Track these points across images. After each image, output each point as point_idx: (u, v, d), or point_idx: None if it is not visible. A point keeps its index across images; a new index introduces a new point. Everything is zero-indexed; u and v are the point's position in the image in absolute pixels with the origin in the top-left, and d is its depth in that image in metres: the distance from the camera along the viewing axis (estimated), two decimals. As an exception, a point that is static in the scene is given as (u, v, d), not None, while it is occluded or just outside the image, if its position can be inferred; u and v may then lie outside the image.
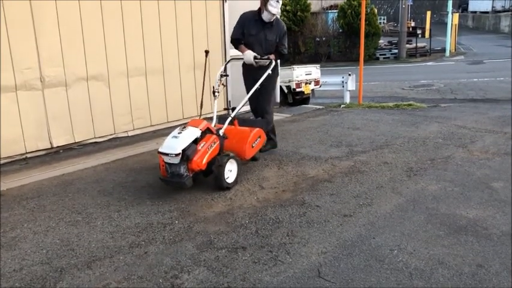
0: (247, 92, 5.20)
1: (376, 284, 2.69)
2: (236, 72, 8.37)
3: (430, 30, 29.37)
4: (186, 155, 3.96)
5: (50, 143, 6.00)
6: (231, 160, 4.36)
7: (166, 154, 3.94)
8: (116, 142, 6.57)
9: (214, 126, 4.59)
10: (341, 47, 25.38)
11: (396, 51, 24.88)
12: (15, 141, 5.64)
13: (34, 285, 2.82)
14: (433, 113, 8.03)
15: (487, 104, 9.32)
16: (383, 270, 2.84)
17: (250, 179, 4.65)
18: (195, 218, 3.74)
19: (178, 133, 4.05)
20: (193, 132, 4.10)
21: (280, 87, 9.66)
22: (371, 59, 24.09)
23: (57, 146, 6.08)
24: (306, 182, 4.52)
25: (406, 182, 4.41)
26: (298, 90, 9.97)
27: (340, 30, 25.40)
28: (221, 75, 5.02)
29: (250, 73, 5.26)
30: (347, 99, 9.91)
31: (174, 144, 3.95)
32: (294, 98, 10.11)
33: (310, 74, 10.39)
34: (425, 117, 7.52)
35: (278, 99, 9.52)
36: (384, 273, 2.81)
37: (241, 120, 5.08)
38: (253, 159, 4.99)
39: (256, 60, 5.06)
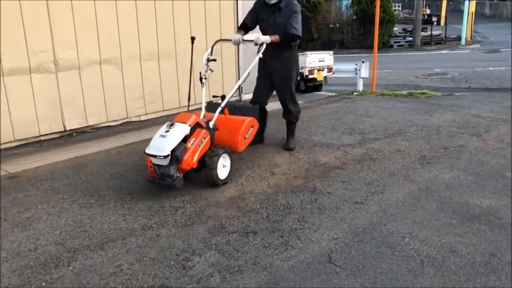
0: (259, 85, 5.01)
1: (387, 270, 2.69)
2: (250, 56, 8.36)
3: (446, 17, 28.90)
4: (176, 155, 3.64)
5: (64, 126, 6.05)
6: (223, 156, 4.08)
7: (154, 156, 3.61)
8: (128, 126, 6.60)
9: (203, 117, 4.22)
10: (355, 34, 25.10)
11: (411, 38, 24.55)
12: (30, 124, 5.70)
13: (48, 265, 2.87)
14: (447, 101, 7.93)
15: (503, 93, 9.16)
16: (394, 257, 2.83)
17: (262, 165, 4.65)
18: (207, 202, 3.76)
19: (166, 131, 3.71)
20: (182, 130, 3.77)
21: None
22: (385, 46, 23.79)
23: (71, 129, 6.14)
24: (317, 168, 4.51)
25: (419, 170, 4.38)
26: (310, 77, 9.89)
27: (354, 17, 25.11)
28: (208, 60, 4.59)
29: (264, 59, 4.82)
30: (360, 87, 9.82)
31: (162, 145, 3.62)
32: (307, 84, 10.03)
33: (323, 60, 10.30)
34: (439, 106, 7.43)
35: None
36: (395, 260, 2.80)
37: (232, 108, 4.68)
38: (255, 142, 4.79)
39: (244, 39, 4.75)
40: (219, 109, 4.25)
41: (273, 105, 7.99)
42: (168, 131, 3.71)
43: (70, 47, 5.91)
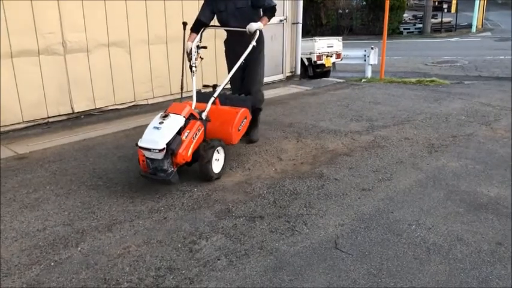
0: (229, 71, 4.47)
1: (393, 257, 2.69)
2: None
3: (457, 4, 28.52)
4: (171, 149, 3.41)
5: (71, 108, 6.07)
6: (218, 149, 3.87)
7: (148, 149, 3.35)
8: (136, 109, 6.61)
9: (194, 108, 3.91)
10: (364, 20, 24.88)
11: (421, 25, 24.31)
12: (38, 105, 5.72)
13: (57, 245, 2.90)
14: (457, 89, 7.86)
15: (513, 82, 9.07)
16: (400, 244, 2.84)
17: (269, 151, 4.65)
18: (214, 187, 3.77)
19: (160, 123, 3.45)
20: (177, 121, 3.51)
21: (301, 59, 9.53)
22: (394, 33, 23.59)
23: (78, 112, 6.15)
24: (324, 155, 4.50)
25: (427, 158, 4.36)
26: (319, 62, 9.83)
27: (364, 3, 24.85)
28: (198, 47, 4.31)
29: (234, 48, 4.48)
30: (368, 74, 9.76)
31: (156, 138, 3.36)
32: (315, 70, 9.98)
33: (332, 46, 10.23)
34: (449, 94, 7.37)
35: (298, 72, 9.43)
36: (401, 247, 2.81)
37: (223, 98, 4.39)
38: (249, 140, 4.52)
39: (200, 45, 4.33)
40: (212, 99, 3.99)
41: (280, 91, 7.98)
42: (162, 122, 3.44)
43: (78, 29, 5.89)
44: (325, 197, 3.54)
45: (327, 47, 10.06)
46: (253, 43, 4.26)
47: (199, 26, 4.49)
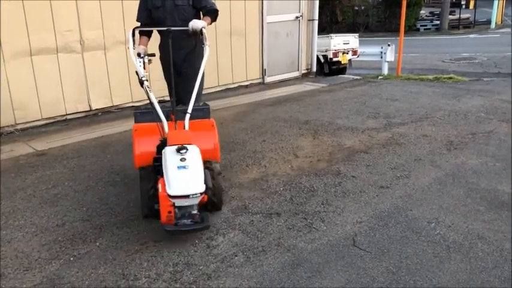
0: (168, 84, 3.81)
1: (412, 255, 2.66)
2: (273, 37, 8.29)
3: (475, 0, 28.04)
4: (209, 187, 2.91)
5: (89, 105, 6.13)
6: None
7: (187, 196, 2.65)
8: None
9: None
10: (380, 17, 24.65)
11: (438, 22, 23.95)
12: (57, 103, 5.80)
13: (76, 240, 2.93)
14: (475, 86, 7.73)
15: (534, 79, 8.89)
16: (420, 242, 2.80)
17: (285, 148, 4.63)
18: (230, 184, 3.76)
19: (182, 160, 2.75)
20: (197, 153, 2.86)
21: (317, 56, 9.48)
22: (411, 30, 23.28)
23: (96, 109, 6.21)
24: (341, 152, 4.47)
25: (446, 155, 4.30)
26: (335, 59, 9.75)
27: (380, 0, 24.59)
28: (139, 55, 3.50)
29: (169, 54, 3.41)
30: (385, 71, 9.65)
31: (192, 180, 2.70)
32: (330, 67, 9.90)
33: (348, 43, 10.13)
34: (467, 91, 7.25)
35: (314, 69, 9.38)
36: (420, 245, 2.77)
37: (178, 112, 3.28)
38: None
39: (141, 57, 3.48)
40: (187, 116, 3.16)
41: (295, 88, 7.95)
42: (185, 159, 2.75)
43: (96, 27, 5.94)
44: (342, 195, 3.52)
45: (343, 43, 9.97)
46: (207, 44, 3.48)
47: (145, 28, 3.87)
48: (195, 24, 3.51)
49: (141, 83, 3.27)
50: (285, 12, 8.48)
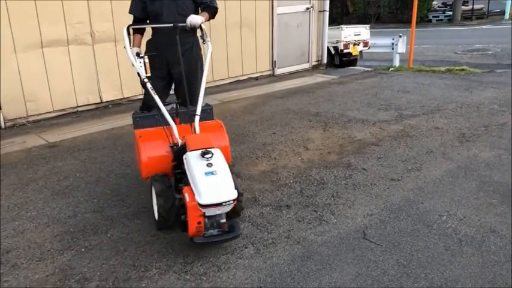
0: (155, 87, 3.16)
1: (423, 248, 2.64)
2: (283, 29, 8.24)
3: (489, -9, 27.59)
4: (240, 193, 2.69)
5: (100, 97, 6.16)
6: None
7: (219, 204, 2.41)
8: (162, 99, 6.64)
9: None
10: (392, 8, 24.36)
11: (450, 13, 23.61)
12: (68, 95, 5.83)
13: (87, 231, 2.95)
14: (488, 78, 7.62)
15: (549, 70, 8.75)
16: (431, 235, 2.78)
17: (295, 140, 4.61)
18: (240, 176, 3.76)
19: (208, 165, 2.52)
20: (222, 157, 2.64)
21: (327, 48, 9.42)
22: (423, 21, 22.99)
23: (107, 101, 6.24)
24: (352, 144, 4.44)
25: (458, 148, 4.25)
26: (345, 51, 9.68)
27: (392, -10, 24.31)
28: (138, 55, 3.23)
29: (162, 52, 3.42)
30: (396, 62, 9.55)
31: (223, 185, 2.47)
32: (341, 59, 9.84)
33: (359, 34, 10.05)
34: (480, 83, 7.16)
35: (325, 60, 9.32)
36: (432, 238, 2.75)
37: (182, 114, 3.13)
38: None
39: (140, 57, 3.19)
40: (197, 118, 2.97)
41: (306, 80, 7.91)
42: (211, 164, 2.53)
43: (106, 19, 5.95)
44: (353, 187, 3.50)
45: (354, 35, 9.89)
46: (208, 40, 3.32)
47: (139, 24, 3.62)
48: (194, 19, 3.28)
49: (144, 84, 3.10)
50: (295, 3, 8.43)
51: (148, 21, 3.62)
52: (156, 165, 2.92)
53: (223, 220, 2.58)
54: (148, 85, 3.05)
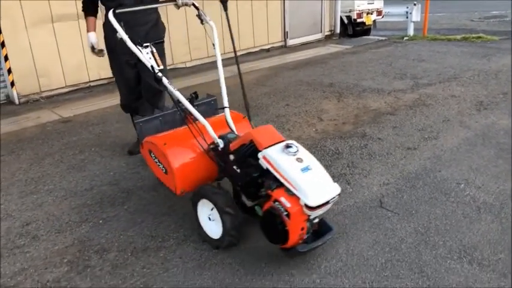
0: (122, 87, 3.32)
1: (441, 216, 2.62)
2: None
3: (507, -45, 26.67)
4: None
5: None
6: None
7: (327, 202, 2.11)
8: (174, 73, 6.60)
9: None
10: (405, -24, 23.71)
11: (466, -21, 22.91)
12: (79, 70, 5.82)
13: (104, 204, 2.97)
14: (507, 45, 7.43)
15: None
16: (449, 203, 2.75)
17: (309, 111, 4.56)
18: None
19: (299, 160, 2.18)
20: (304, 148, 2.34)
21: (340, 17, 9.24)
22: (438, -12, 22.37)
23: (119, 76, 6.21)
24: (367, 114, 4.38)
25: (475, 116, 4.17)
26: (359, 20, 9.49)
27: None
28: (142, 44, 2.64)
29: (131, 36, 2.59)
30: (411, 31, 9.35)
31: (324, 181, 2.21)
32: (354, 29, 9.65)
33: (373, 3, 9.82)
34: (498, 50, 6.98)
35: (338, 30, 9.16)
36: (449, 206, 2.72)
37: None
38: None
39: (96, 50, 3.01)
40: (227, 110, 2.74)
41: (318, 51, 7.79)
42: (302, 159, 2.20)
43: (115, -8, 5.87)
44: (368, 157, 3.46)
45: (367, 4, 9.67)
46: (209, 20, 2.98)
47: (94, 5, 3.32)
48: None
49: (159, 80, 2.50)
50: (307, -28, 8.24)
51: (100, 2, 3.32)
52: (192, 174, 2.53)
53: (317, 219, 2.24)
54: (165, 80, 2.52)
